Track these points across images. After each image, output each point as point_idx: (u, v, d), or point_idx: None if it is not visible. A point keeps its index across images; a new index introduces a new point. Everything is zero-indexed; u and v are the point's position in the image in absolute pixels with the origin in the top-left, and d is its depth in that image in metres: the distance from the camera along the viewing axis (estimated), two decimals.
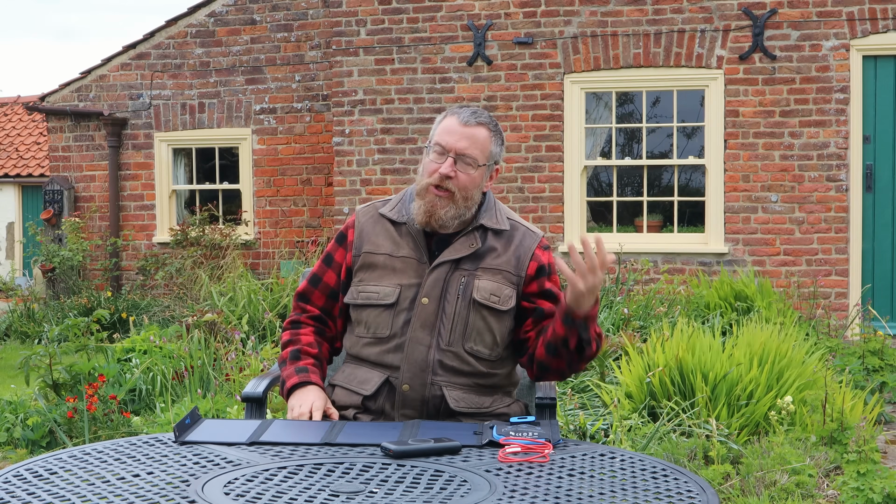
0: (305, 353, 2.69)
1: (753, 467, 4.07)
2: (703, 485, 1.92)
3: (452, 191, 2.58)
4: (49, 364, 5.62)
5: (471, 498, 1.80)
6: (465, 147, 2.59)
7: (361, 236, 2.70)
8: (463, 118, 2.62)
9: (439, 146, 2.60)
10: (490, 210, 2.70)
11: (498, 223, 2.68)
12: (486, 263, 2.63)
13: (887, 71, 8.32)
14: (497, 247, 2.65)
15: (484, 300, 2.60)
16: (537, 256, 2.68)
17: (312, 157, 10.32)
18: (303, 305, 2.79)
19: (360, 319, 2.66)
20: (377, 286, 2.63)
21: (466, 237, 2.64)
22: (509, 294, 2.62)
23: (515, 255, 2.65)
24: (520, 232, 2.70)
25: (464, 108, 2.65)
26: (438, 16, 9.10)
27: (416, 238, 2.65)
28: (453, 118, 2.63)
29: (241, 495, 1.81)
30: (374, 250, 2.66)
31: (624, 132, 9.13)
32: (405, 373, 2.57)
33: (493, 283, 2.61)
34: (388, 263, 2.64)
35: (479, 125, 2.62)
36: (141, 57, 10.77)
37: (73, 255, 10.47)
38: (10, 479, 1.93)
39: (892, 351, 6.37)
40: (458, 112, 2.64)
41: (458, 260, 2.62)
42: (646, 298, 7.29)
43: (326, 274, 2.76)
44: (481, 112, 2.66)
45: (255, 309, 7.55)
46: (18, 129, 18.52)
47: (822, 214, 8.33)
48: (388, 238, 2.67)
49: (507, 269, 2.64)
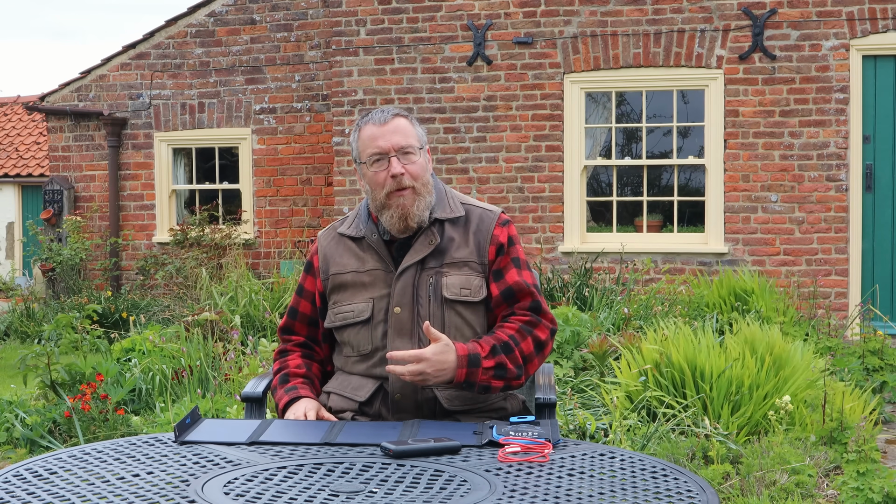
0: (294, 375, 2.73)
1: (753, 467, 4.07)
2: (702, 484, 1.92)
3: (411, 185, 2.59)
4: (47, 363, 5.62)
5: (471, 498, 1.80)
6: (399, 140, 2.60)
7: (326, 260, 2.72)
8: (379, 119, 2.62)
9: (375, 154, 2.60)
10: (442, 200, 2.69)
11: (452, 211, 2.67)
12: (449, 258, 2.62)
13: (887, 71, 8.31)
14: (455, 236, 2.65)
15: (455, 296, 2.59)
16: (495, 238, 2.66)
17: (312, 157, 10.32)
18: (288, 338, 2.83)
19: (343, 340, 2.69)
20: (350, 304, 2.65)
21: (424, 235, 2.63)
22: (479, 284, 2.62)
23: (476, 242, 2.65)
24: (476, 215, 2.69)
25: (373, 113, 2.65)
26: (438, 16, 9.10)
27: (378, 248, 2.65)
28: (369, 125, 2.63)
29: (241, 495, 1.81)
30: (341, 270, 2.67)
31: (624, 132, 9.13)
32: (395, 382, 2.58)
33: (460, 276, 2.61)
34: (357, 280, 2.65)
35: (395, 117, 2.63)
36: (141, 57, 10.77)
37: (74, 255, 10.47)
38: (10, 478, 1.93)
39: (891, 351, 6.37)
40: (370, 118, 2.64)
41: (422, 261, 2.61)
42: (646, 298, 7.29)
43: (301, 304, 2.80)
44: (387, 108, 2.67)
45: (256, 308, 7.55)
46: (18, 129, 18.51)
47: (821, 214, 8.33)
48: (352, 255, 2.68)
49: (471, 258, 2.63)
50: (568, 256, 8.81)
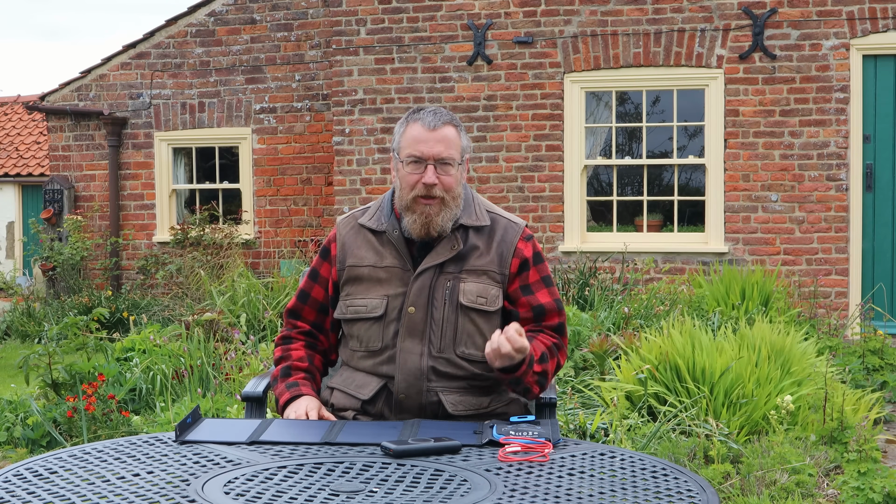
0: (296, 369, 2.71)
1: (753, 466, 4.07)
2: (703, 484, 1.92)
3: (441, 196, 2.56)
4: (48, 363, 5.62)
5: (471, 497, 1.80)
6: (441, 151, 2.56)
7: (344, 249, 2.69)
8: (429, 123, 2.58)
9: (414, 157, 2.57)
10: (469, 207, 2.66)
11: (478, 219, 2.65)
12: (469, 265, 2.60)
13: (887, 70, 8.31)
14: (479, 245, 2.63)
15: (471, 303, 2.58)
16: (519, 251, 2.64)
17: (312, 157, 10.32)
18: (293, 322, 2.80)
19: (351, 333, 2.66)
20: (364, 299, 2.62)
21: (448, 240, 2.61)
22: (496, 294, 2.61)
23: (498, 252, 2.63)
24: (501, 225, 2.67)
25: (425, 112, 2.61)
26: (438, 15, 9.10)
27: (398, 246, 2.63)
28: (417, 125, 2.59)
29: (241, 494, 1.81)
30: (358, 263, 2.65)
31: (624, 131, 9.13)
32: (400, 382, 2.57)
33: (478, 284, 2.59)
34: (373, 275, 2.62)
35: (445, 125, 2.59)
36: (141, 56, 10.77)
37: (75, 255, 10.48)
38: (10, 478, 1.94)
39: (892, 350, 6.37)
40: (421, 117, 2.59)
41: (442, 264, 2.59)
42: (647, 297, 7.29)
43: (314, 289, 2.76)
44: (441, 111, 2.63)
45: (256, 308, 7.55)
46: (18, 129, 18.51)
47: (822, 214, 8.33)
48: (371, 249, 2.65)
49: (492, 268, 2.61)
50: (568, 256, 8.81)
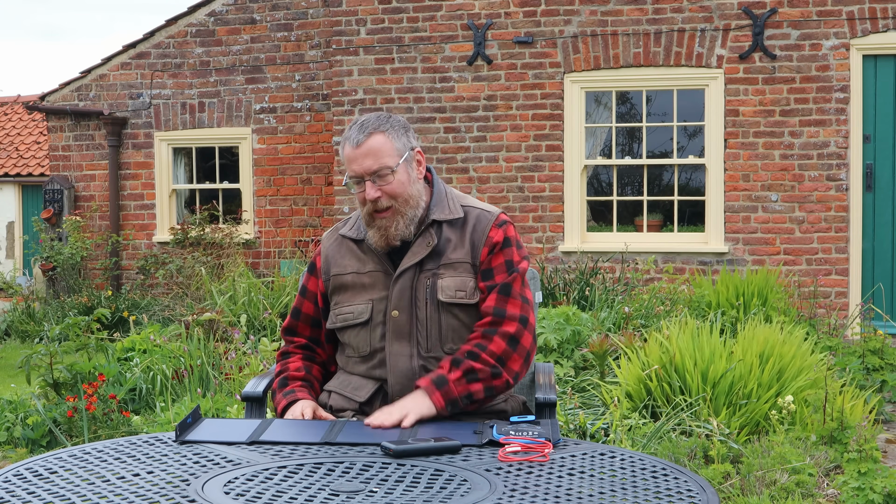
0: (293, 378, 2.74)
1: (753, 466, 4.07)
2: (703, 484, 1.92)
3: (389, 206, 2.57)
4: (50, 363, 5.63)
5: (471, 497, 1.80)
6: (371, 165, 2.55)
7: (328, 261, 2.73)
8: (353, 140, 2.57)
9: (352, 178, 2.58)
10: (441, 202, 2.66)
11: (451, 213, 2.65)
12: (445, 259, 2.61)
13: (887, 70, 8.31)
14: (452, 237, 2.63)
15: (450, 299, 2.58)
16: (490, 239, 2.62)
17: (312, 157, 10.32)
18: (290, 338, 2.84)
19: (344, 341, 2.70)
20: (350, 305, 2.65)
21: (422, 237, 2.62)
22: (474, 285, 2.61)
23: (471, 242, 2.63)
24: (473, 215, 2.66)
25: (351, 129, 2.60)
26: (438, 15, 9.10)
27: (378, 251, 2.65)
28: (346, 145, 2.59)
29: (241, 494, 1.81)
30: (342, 271, 2.68)
31: (624, 131, 9.13)
32: (394, 385, 2.59)
33: (455, 278, 2.60)
34: (357, 281, 2.66)
35: (371, 136, 2.57)
36: (141, 56, 10.77)
37: (75, 254, 10.48)
38: (10, 478, 1.94)
39: (892, 350, 6.37)
40: (349, 135, 2.59)
41: (420, 262, 2.60)
42: (647, 297, 7.29)
43: (304, 305, 2.80)
44: (366, 121, 2.60)
45: (256, 308, 7.55)
46: (18, 129, 18.50)
47: (822, 214, 8.33)
48: (353, 257, 2.68)
49: (466, 259, 2.61)
50: (568, 256, 8.81)
